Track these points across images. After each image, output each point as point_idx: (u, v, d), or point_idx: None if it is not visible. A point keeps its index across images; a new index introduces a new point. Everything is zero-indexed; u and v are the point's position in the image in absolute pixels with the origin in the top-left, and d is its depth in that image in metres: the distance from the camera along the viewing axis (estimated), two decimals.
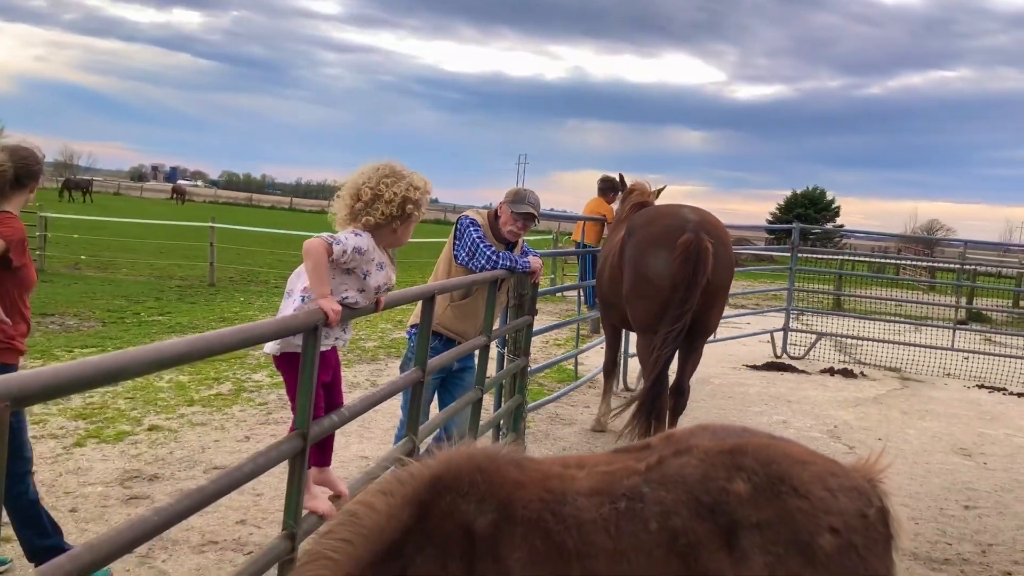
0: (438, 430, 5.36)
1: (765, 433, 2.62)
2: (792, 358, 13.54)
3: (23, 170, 4.42)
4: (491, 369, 6.97)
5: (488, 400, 7.09)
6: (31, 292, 4.64)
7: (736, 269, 22.91)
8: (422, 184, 3.38)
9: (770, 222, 56.17)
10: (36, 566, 4.53)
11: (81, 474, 6.18)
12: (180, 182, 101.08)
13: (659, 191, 8.15)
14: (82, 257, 21.17)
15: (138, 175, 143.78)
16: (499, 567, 2.19)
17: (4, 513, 4.80)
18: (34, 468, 4.78)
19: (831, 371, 12.61)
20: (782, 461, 2.37)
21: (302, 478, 2.66)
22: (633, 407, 6.76)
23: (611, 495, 2.28)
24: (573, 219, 9.89)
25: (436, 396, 5.74)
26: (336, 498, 3.32)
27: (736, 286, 23.83)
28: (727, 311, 17.61)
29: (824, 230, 47.58)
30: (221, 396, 8.83)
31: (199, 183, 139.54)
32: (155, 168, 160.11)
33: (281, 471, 3.11)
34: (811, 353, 13.78)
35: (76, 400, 8.13)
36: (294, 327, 2.59)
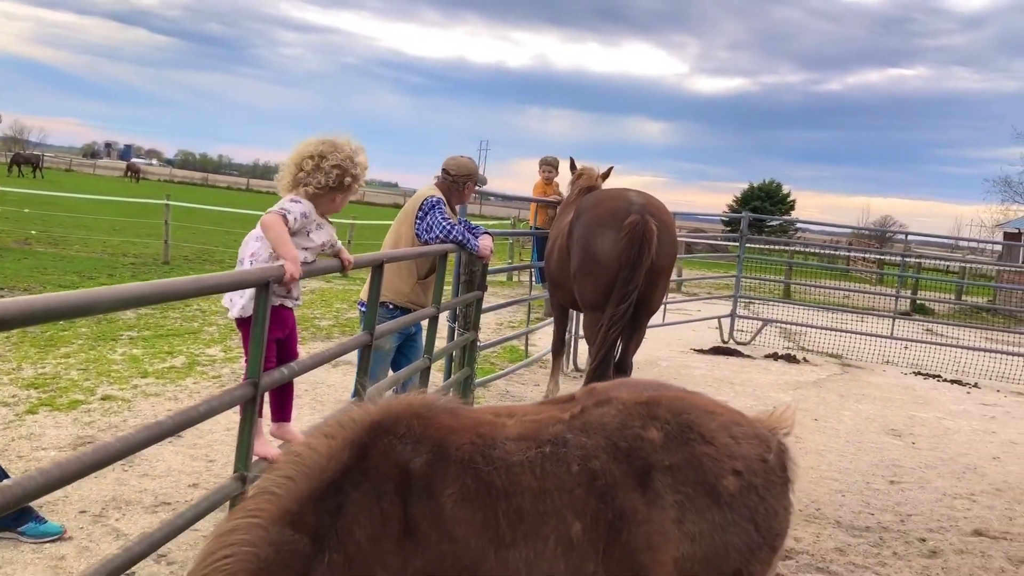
0: (392, 391, 5.59)
1: (679, 387, 2.87)
2: (738, 343, 13.93)
3: None
4: (444, 343, 7.18)
5: (440, 372, 7.31)
6: None
7: (689, 257, 23.17)
8: (362, 159, 3.64)
9: (726, 214, 57.00)
10: None
11: (34, 439, 6.27)
12: (134, 160, 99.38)
13: (606, 173, 8.39)
14: (32, 232, 20.91)
15: (91, 152, 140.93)
16: (433, 503, 2.38)
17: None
18: None
19: (775, 356, 13.01)
20: (692, 411, 2.64)
21: (252, 424, 2.85)
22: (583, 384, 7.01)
23: (537, 440, 2.51)
24: (528, 200, 10.08)
25: (392, 364, 5.97)
26: None
27: (688, 274, 24.38)
28: (679, 297, 18.08)
29: (783, 221, 48.45)
30: (175, 369, 8.92)
31: (154, 162, 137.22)
32: (109, 145, 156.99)
33: (234, 441, 3.29)
34: (757, 339, 14.18)
35: (28, 370, 8.17)
36: (248, 280, 2.77)
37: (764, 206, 54.11)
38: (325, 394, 8.25)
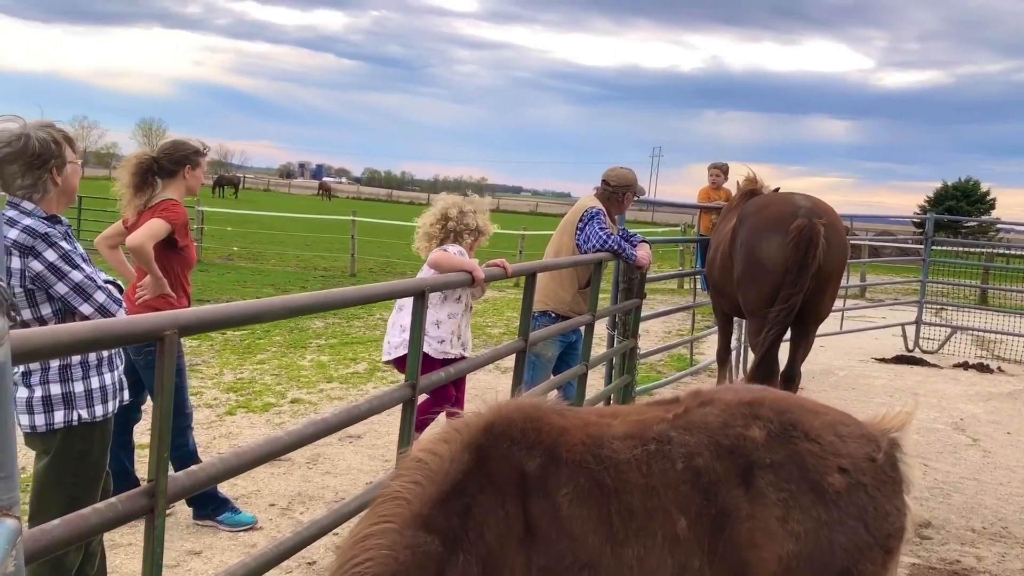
0: (553, 394, 5.80)
1: (784, 391, 2.87)
2: (924, 352, 13.19)
3: (166, 159, 5.07)
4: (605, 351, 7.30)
5: (602, 379, 7.43)
6: (191, 270, 5.29)
7: (874, 261, 22.00)
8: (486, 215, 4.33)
9: (918, 215, 53.77)
10: (194, 509, 5.21)
11: (232, 438, 6.89)
12: (326, 179, 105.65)
13: (776, 190, 8.22)
14: (234, 248, 22.68)
15: (286, 172, 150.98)
16: (549, 502, 2.49)
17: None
18: (192, 425, 5.44)
19: (965, 365, 12.24)
20: (795, 411, 2.64)
21: (411, 423, 3.09)
22: None
23: (643, 439, 2.58)
24: (690, 207, 10.04)
25: (554, 372, 6.18)
26: None
27: (873, 278, 23.22)
28: (861, 303, 17.29)
29: (980, 221, 45.15)
30: (357, 374, 9.49)
31: (343, 180, 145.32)
32: (302, 166, 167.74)
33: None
34: (945, 347, 13.39)
35: (228, 375, 8.95)
36: (403, 290, 3.02)
37: (960, 206, 50.64)
38: (493, 399, 8.53)
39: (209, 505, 5.19)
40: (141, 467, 5.97)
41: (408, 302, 3.83)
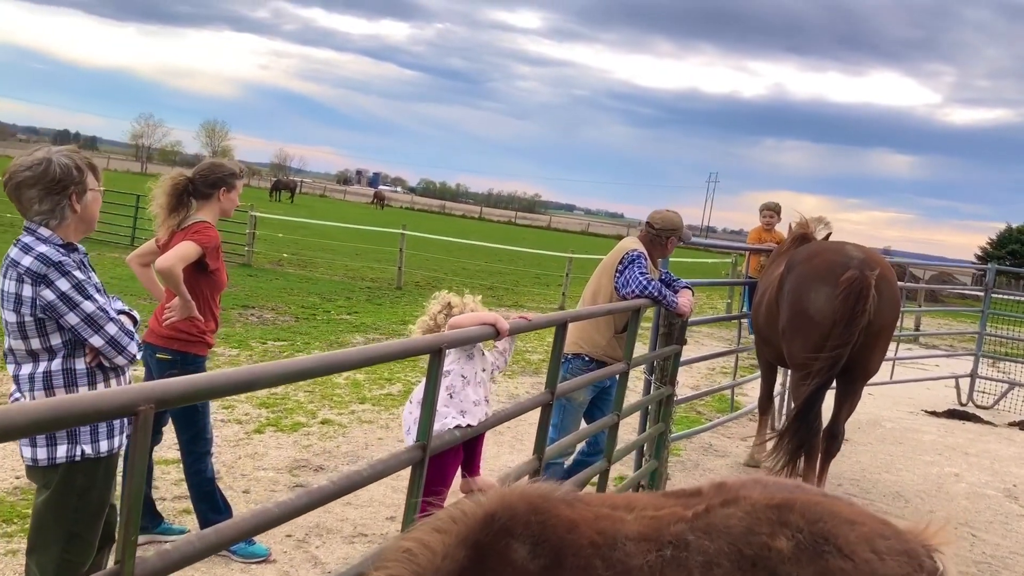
0: (583, 443, 5.61)
1: (818, 491, 2.62)
2: (978, 407, 12.69)
3: (201, 181, 5.00)
4: (640, 395, 7.08)
5: (636, 423, 7.20)
6: (221, 293, 5.22)
7: (930, 309, 21.36)
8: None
9: (979, 257, 52.42)
10: None
11: (257, 459, 6.81)
12: (381, 188, 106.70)
13: (827, 236, 7.95)
14: (284, 255, 22.86)
15: (344, 179, 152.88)
16: None
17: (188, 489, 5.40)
18: (215, 450, 5.36)
19: (1021, 425, 11.72)
20: (829, 520, 2.35)
21: (420, 486, 2.93)
22: (776, 441, 6.67)
23: (657, 541, 2.33)
24: (741, 249, 9.78)
25: (585, 416, 6.00)
26: None
27: (929, 325, 22.55)
28: (916, 350, 16.74)
29: None
30: (391, 396, 9.38)
31: (399, 189, 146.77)
32: (359, 173, 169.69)
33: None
34: (1001, 403, 12.86)
35: (261, 391, 8.91)
36: (418, 348, 2.87)
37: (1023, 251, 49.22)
38: (526, 432, 8.35)
39: None
40: (162, 486, 5.93)
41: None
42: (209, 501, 5.08)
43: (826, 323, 6.54)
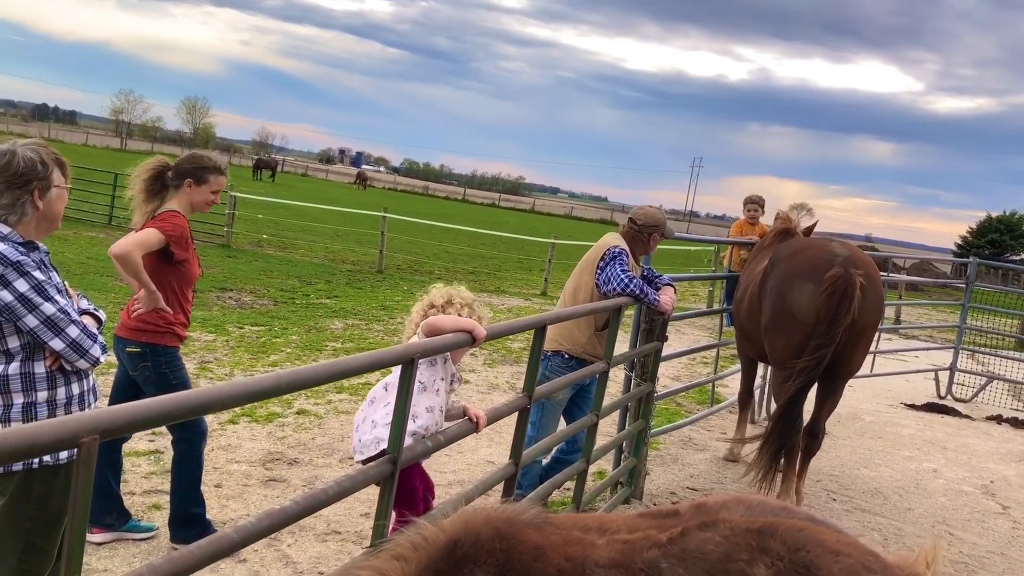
0: (562, 443, 5.54)
1: (805, 513, 2.52)
2: (957, 400, 12.74)
3: (175, 170, 4.90)
4: (619, 390, 7.01)
5: (615, 421, 7.13)
6: (193, 285, 5.08)
7: (911, 304, 21.44)
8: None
9: (959, 245, 52.84)
10: (173, 531, 5.00)
11: (230, 451, 6.69)
12: (364, 167, 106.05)
13: (809, 229, 7.87)
14: (264, 236, 22.61)
15: (326, 158, 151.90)
16: None
17: (167, 484, 5.28)
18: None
19: (999, 419, 11.76)
20: (812, 549, 2.21)
21: (390, 500, 2.83)
22: (759, 442, 6.62)
23: (629, 569, 2.21)
24: (721, 242, 9.70)
25: (565, 414, 5.93)
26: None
27: (910, 315, 22.63)
28: (896, 342, 16.77)
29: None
30: (370, 384, 9.24)
31: (382, 168, 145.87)
32: (342, 152, 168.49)
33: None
34: (979, 397, 12.91)
35: (239, 376, 8.77)
36: (388, 359, 2.76)
37: (1003, 240, 49.63)
38: (505, 424, 8.26)
39: (193, 528, 4.97)
40: (131, 479, 5.80)
41: (385, 393, 3.58)
42: (194, 493, 4.99)
43: (809, 321, 6.47)
